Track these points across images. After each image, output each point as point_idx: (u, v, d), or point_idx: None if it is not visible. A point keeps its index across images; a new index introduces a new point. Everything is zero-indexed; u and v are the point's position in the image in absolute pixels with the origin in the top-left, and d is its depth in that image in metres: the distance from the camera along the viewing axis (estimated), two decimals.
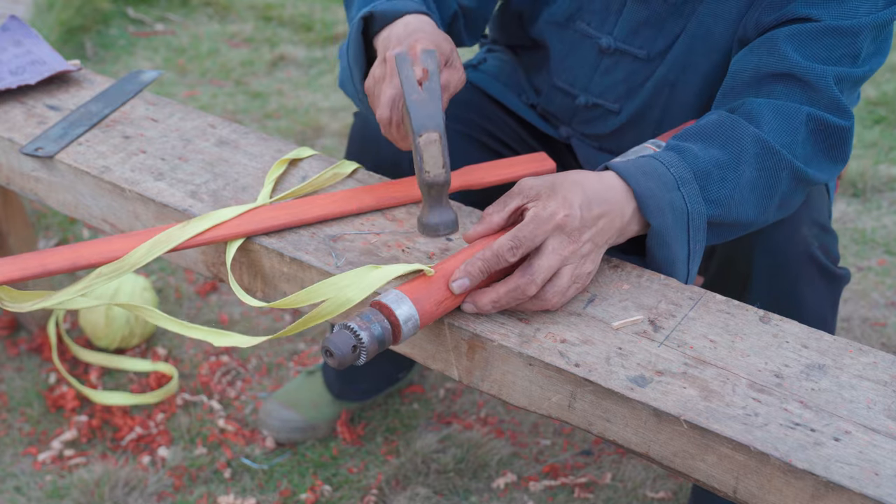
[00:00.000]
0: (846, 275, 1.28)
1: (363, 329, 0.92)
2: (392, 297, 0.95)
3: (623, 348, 0.97)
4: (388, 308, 0.94)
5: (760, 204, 1.12)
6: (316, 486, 1.74)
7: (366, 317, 0.94)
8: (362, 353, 0.93)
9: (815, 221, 1.23)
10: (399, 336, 0.95)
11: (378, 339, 0.93)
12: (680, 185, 1.06)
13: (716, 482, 0.90)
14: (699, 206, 1.07)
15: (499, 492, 1.73)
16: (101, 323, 1.97)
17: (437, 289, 0.98)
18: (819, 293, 1.24)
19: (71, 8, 3.28)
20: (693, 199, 1.06)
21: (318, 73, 3.22)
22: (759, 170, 1.10)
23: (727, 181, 1.09)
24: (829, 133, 1.14)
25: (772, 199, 1.13)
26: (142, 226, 1.22)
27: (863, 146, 2.78)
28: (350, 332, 0.92)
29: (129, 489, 1.72)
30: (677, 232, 1.06)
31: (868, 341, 2.04)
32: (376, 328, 0.93)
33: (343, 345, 0.91)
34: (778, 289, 1.14)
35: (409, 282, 0.98)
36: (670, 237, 1.06)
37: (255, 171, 1.25)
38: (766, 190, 1.11)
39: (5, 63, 1.43)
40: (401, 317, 0.94)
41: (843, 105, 1.13)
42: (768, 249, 1.21)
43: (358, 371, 1.82)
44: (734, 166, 1.09)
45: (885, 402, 0.91)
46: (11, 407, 1.90)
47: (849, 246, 2.36)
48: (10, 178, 1.34)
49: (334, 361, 0.91)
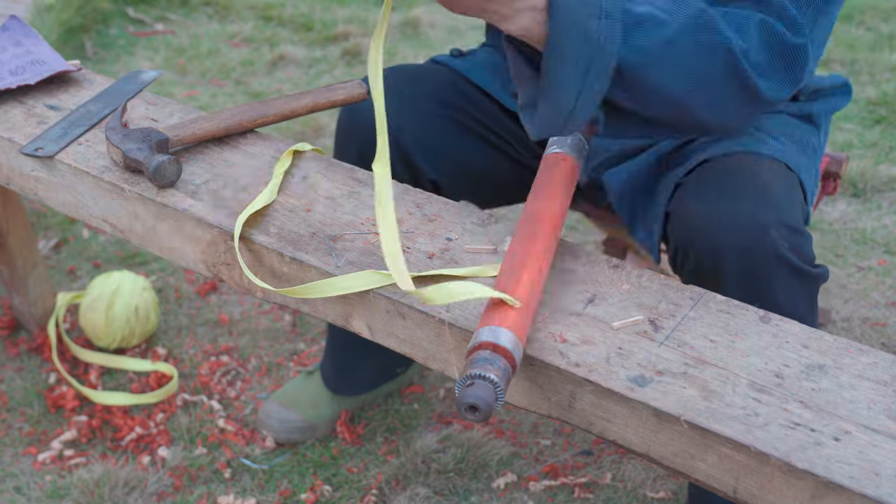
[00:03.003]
0: (823, 273, 1.27)
1: (498, 376, 0.89)
2: (499, 334, 0.92)
3: (623, 348, 0.97)
4: (501, 347, 0.92)
5: (684, 80, 1.08)
6: (316, 486, 1.74)
7: (490, 362, 0.90)
8: (500, 397, 0.90)
9: (783, 224, 1.21)
10: (516, 367, 0.93)
11: (507, 379, 0.91)
12: (602, 15, 1.02)
13: (716, 482, 0.90)
14: (612, 44, 1.03)
15: (499, 492, 1.73)
16: (101, 323, 1.97)
17: (521, 310, 0.96)
18: (794, 293, 1.23)
19: (71, 8, 3.28)
20: (610, 34, 1.02)
21: (318, 73, 3.22)
22: (694, 43, 1.07)
23: (653, 36, 1.05)
24: (783, 46, 1.11)
25: (700, 83, 1.09)
26: (141, 226, 1.22)
27: (863, 146, 2.78)
28: (487, 382, 0.89)
29: (129, 489, 1.72)
30: (577, 56, 1.02)
31: (868, 341, 2.04)
32: (502, 369, 0.90)
33: (487, 396, 0.88)
34: (751, 291, 1.13)
35: (498, 312, 0.95)
36: (567, 58, 1.02)
37: (255, 170, 1.25)
38: (694, 67, 1.08)
39: (5, 63, 1.43)
40: (511, 348, 0.92)
41: (797, 21, 1.11)
42: (737, 253, 1.19)
43: (355, 364, 1.82)
44: (667, 24, 1.06)
45: (885, 402, 0.91)
46: (11, 407, 1.90)
47: (849, 246, 2.36)
48: (10, 178, 1.34)
49: (481, 415, 0.88)
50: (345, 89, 1.36)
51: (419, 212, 1.17)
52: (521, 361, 0.93)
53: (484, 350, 0.91)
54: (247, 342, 2.06)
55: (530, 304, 0.97)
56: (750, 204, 1.20)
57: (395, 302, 1.03)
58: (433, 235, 1.13)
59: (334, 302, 1.08)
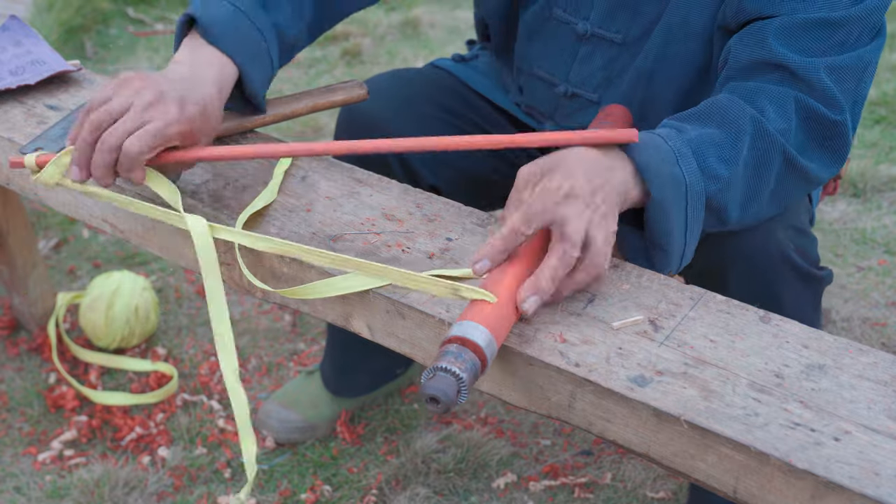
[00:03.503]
0: (827, 275, 1.27)
1: (461, 369, 0.89)
2: (468, 328, 0.93)
3: (623, 348, 0.97)
4: (470, 341, 0.92)
5: (754, 188, 1.11)
6: (316, 486, 1.74)
7: (456, 355, 0.91)
8: (464, 391, 0.90)
9: (790, 225, 1.22)
10: (486, 363, 0.93)
11: (473, 374, 0.91)
12: (679, 160, 1.06)
13: (716, 482, 0.90)
14: (697, 179, 1.06)
15: (499, 492, 1.73)
16: (101, 323, 1.97)
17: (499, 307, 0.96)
18: (798, 295, 1.24)
19: (71, 8, 3.28)
20: (691, 172, 1.06)
21: (318, 73, 3.22)
22: (752, 150, 1.10)
23: (724, 159, 1.08)
24: (822, 124, 1.13)
25: (765, 184, 1.12)
26: (141, 226, 1.22)
27: (863, 146, 2.78)
28: (449, 374, 0.89)
29: (129, 489, 1.72)
30: (676, 202, 1.05)
31: (868, 341, 2.04)
32: (469, 363, 0.90)
33: (449, 389, 0.88)
34: (756, 292, 1.13)
35: (473, 307, 0.96)
36: (669, 206, 1.05)
37: (256, 171, 1.24)
38: (759, 173, 1.10)
39: (5, 63, 1.43)
40: (481, 342, 0.92)
41: (836, 97, 1.12)
42: (743, 254, 1.20)
43: (355, 366, 1.82)
44: (732, 144, 1.09)
45: (885, 402, 0.91)
46: (11, 407, 1.90)
47: (849, 246, 2.36)
48: (10, 178, 1.34)
49: (441, 407, 0.88)
50: (345, 89, 1.36)
51: (419, 212, 1.17)
52: (493, 356, 0.94)
53: (451, 344, 0.92)
54: (247, 342, 2.07)
55: (511, 300, 0.98)
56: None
57: (395, 302, 1.03)
58: (433, 235, 1.13)
59: (334, 302, 1.08)
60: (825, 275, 1.27)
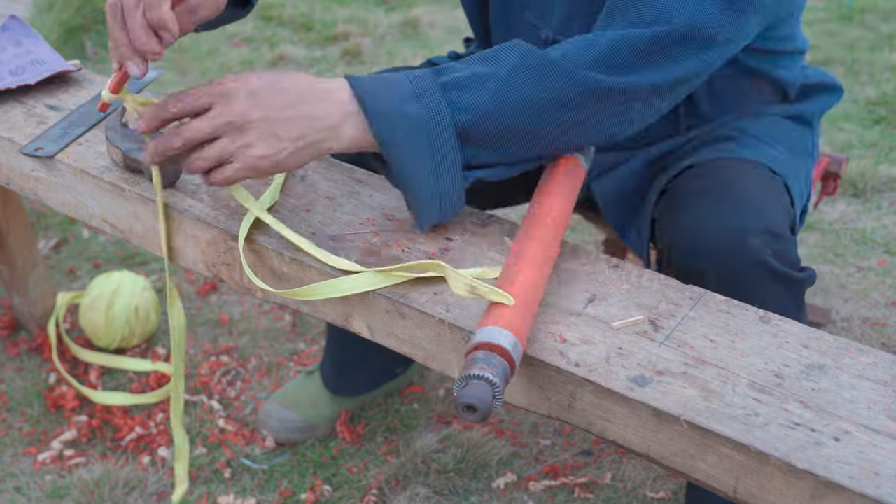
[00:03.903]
0: (808, 276, 1.26)
1: (494, 374, 0.89)
2: (493, 333, 0.92)
3: (623, 348, 0.97)
4: (497, 346, 0.91)
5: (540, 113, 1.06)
6: (316, 486, 1.74)
7: (485, 361, 0.90)
8: (498, 396, 0.89)
9: (764, 230, 1.20)
10: (514, 366, 0.92)
11: (505, 378, 0.90)
12: (419, 96, 1.02)
13: (716, 482, 0.90)
14: (441, 113, 1.02)
15: (499, 492, 1.73)
16: (101, 323, 1.97)
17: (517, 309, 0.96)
18: (780, 298, 1.22)
19: (71, 8, 3.28)
20: (433, 107, 1.02)
21: (318, 73, 3.22)
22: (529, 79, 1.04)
23: (483, 89, 1.04)
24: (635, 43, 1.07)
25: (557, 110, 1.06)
26: (141, 226, 1.22)
27: (863, 146, 2.78)
28: (483, 381, 0.88)
29: (129, 489, 1.72)
30: (414, 143, 1.02)
31: (868, 341, 2.04)
32: (499, 368, 0.90)
33: (484, 395, 0.87)
34: (735, 296, 1.12)
35: (494, 311, 0.95)
36: (403, 149, 1.02)
37: None
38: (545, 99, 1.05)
39: (5, 63, 1.43)
40: (507, 346, 0.91)
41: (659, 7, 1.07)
42: (718, 259, 1.18)
43: (355, 365, 1.82)
44: (493, 74, 1.04)
45: (885, 402, 0.91)
46: (11, 407, 1.90)
47: (849, 246, 2.36)
48: (10, 178, 1.34)
49: (479, 415, 0.87)
50: None
51: None
52: (520, 359, 0.93)
53: (479, 351, 0.91)
54: (247, 342, 2.07)
55: (528, 302, 0.97)
56: (730, 210, 1.19)
57: (395, 302, 1.03)
58: (433, 235, 1.13)
59: (334, 302, 1.08)
60: (806, 276, 1.26)
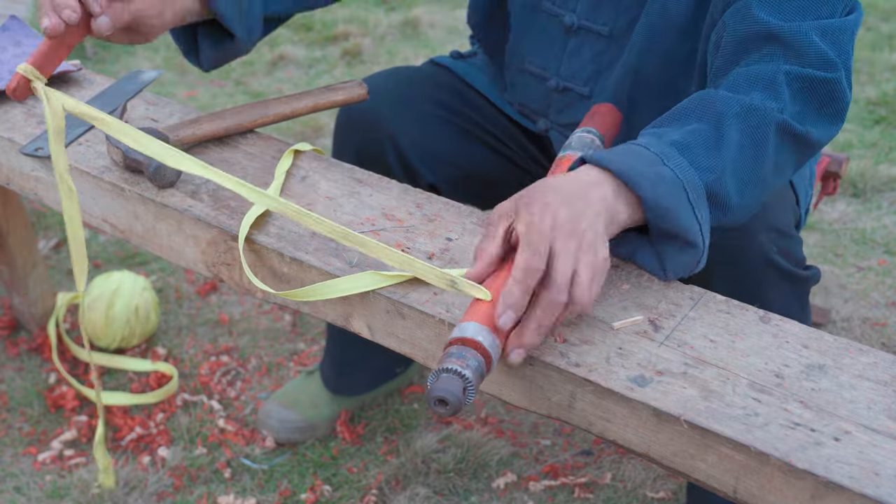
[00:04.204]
0: (813, 274, 1.26)
1: (465, 368, 0.88)
2: (472, 329, 0.92)
3: (623, 348, 0.97)
4: (471, 340, 0.91)
5: (751, 168, 1.06)
6: (316, 486, 1.74)
7: (459, 355, 0.90)
8: (470, 392, 0.89)
9: (772, 227, 1.21)
10: (491, 361, 0.92)
11: (479, 372, 0.90)
12: (664, 161, 1.01)
13: (716, 482, 0.90)
14: (691, 174, 1.01)
15: (499, 492, 1.73)
16: (101, 323, 1.97)
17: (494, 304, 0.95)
18: (785, 295, 1.23)
19: None
20: (681, 168, 1.01)
21: (318, 73, 3.22)
22: (742, 131, 1.05)
23: (712, 147, 1.03)
24: (816, 89, 1.09)
25: (762, 162, 1.07)
26: (141, 226, 1.22)
27: (863, 146, 2.78)
28: (455, 375, 0.88)
29: (129, 489, 1.72)
30: (676, 200, 1.00)
31: (868, 341, 2.05)
32: (473, 362, 0.89)
33: (455, 389, 0.87)
34: (741, 296, 1.12)
35: (472, 308, 0.95)
36: (669, 205, 0.99)
37: (255, 171, 1.25)
38: (755, 153, 1.06)
39: (5, 63, 1.43)
40: (483, 340, 0.91)
41: (828, 56, 1.09)
42: (724, 260, 1.18)
43: (355, 365, 1.82)
44: (716, 132, 1.04)
45: (885, 402, 0.91)
46: (11, 407, 1.90)
47: (849, 246, 2.36)
48: (10, 178, 1.34)
49: (450, 409, 0.87)
50: (345, 89, 1.36)
51: (419, 212, 1.17)
52: (498, 354, 0.93)
53: (453, 346, 0.91)
54: (247, 342, 2.07)
55: None
56: None
57: (395, 302, 1.03)
58: (433, 235, 1.13)
59: (334, 302, 1.08)
60: (811, 274, 1.26)
